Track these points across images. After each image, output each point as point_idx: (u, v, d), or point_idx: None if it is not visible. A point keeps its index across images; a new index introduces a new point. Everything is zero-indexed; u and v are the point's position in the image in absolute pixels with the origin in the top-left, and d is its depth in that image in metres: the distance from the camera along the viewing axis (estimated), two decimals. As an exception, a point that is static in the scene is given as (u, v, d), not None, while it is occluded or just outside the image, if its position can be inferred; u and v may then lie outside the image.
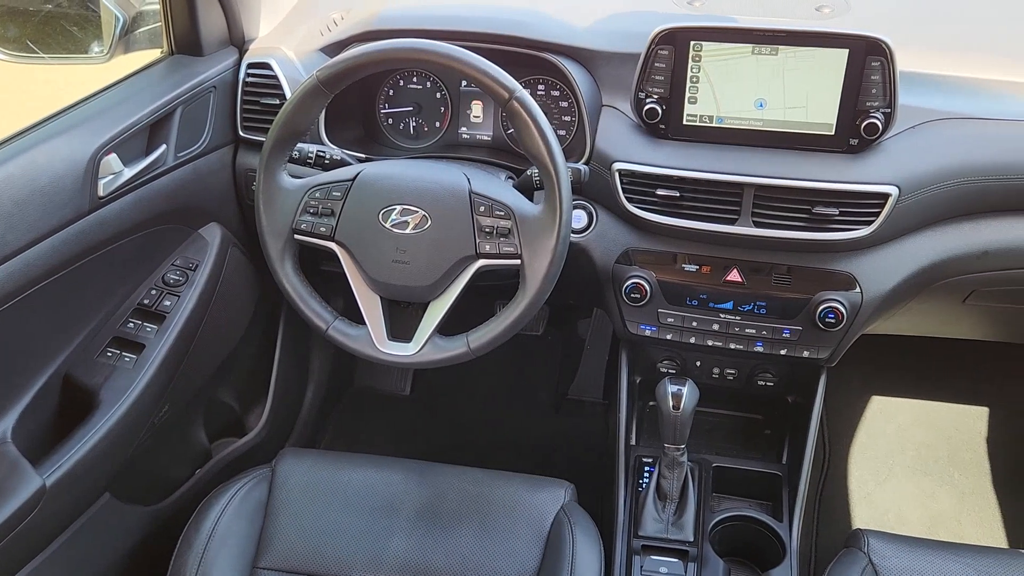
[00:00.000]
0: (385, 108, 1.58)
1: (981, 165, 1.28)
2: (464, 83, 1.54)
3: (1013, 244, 1.33)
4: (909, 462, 2.06)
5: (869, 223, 1.27)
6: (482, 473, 1.37)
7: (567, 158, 1.32)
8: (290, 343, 1.90)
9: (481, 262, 1.20)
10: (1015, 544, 1.90)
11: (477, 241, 1.19)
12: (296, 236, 1.24)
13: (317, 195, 1.23)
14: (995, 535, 1.92)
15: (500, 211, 1.18)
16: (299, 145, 1.30)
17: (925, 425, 2.12)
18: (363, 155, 1.44)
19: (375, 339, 1.25)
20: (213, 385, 1.69)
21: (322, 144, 1.43)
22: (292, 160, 1.29)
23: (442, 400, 2.25)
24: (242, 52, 1.54)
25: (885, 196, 1.26)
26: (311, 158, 1.32)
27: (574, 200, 1.40)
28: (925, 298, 1.43)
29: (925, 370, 2.16)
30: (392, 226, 1.20)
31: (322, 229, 1.23)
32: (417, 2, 1.56)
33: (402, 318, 1.28)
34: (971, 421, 2.11)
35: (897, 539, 1.30)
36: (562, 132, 1.49)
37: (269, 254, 1.26)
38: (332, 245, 1.24)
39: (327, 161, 1.33)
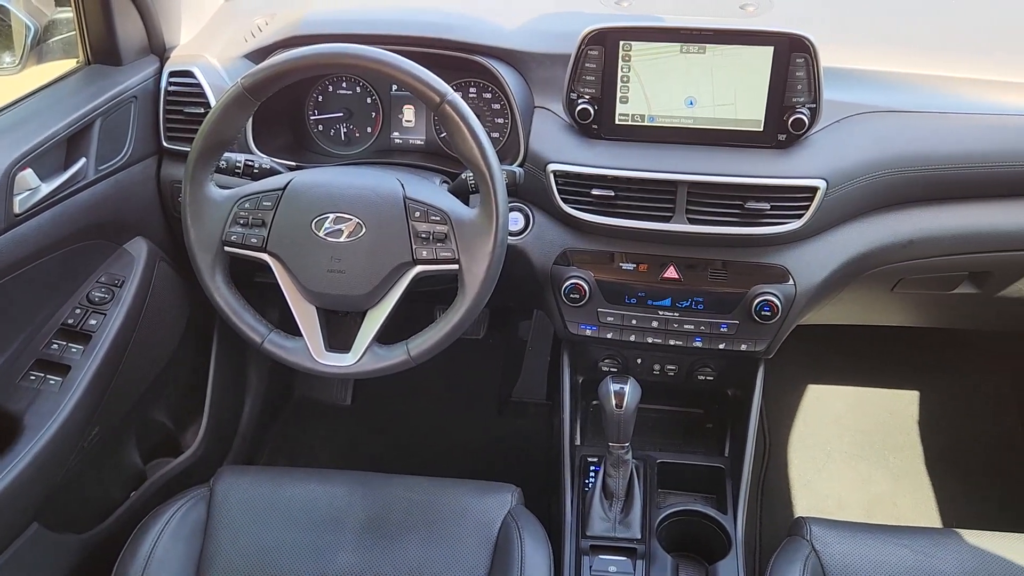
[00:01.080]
0: (315, 114, 1.55)
1: (904, 157, 1.32)
2: (395, 87, 1.52)
3: (936, 233, 1.37)
4: (846, 448, 2.12)
5: (799, 216, 1.30)
6: (427, 481, 1.36)
7: (501, 160, 1.32)
8: (225, 357, 1.85)
9: (418, 268, 1.19)
10: (948, 522, 1.97)
11: (414, 247, 1.17)
12: (226, 248, 1.21)
13: (247, 205, 1.20)
14: (929, 514, 1.98)
15: (436, 216, 1.17)
16: (226, 155, 1.27)
17: (860, 411, 2.17)
18: (294, 163, 1.41)
19: (312, 351, 1.22)
20: (146, 404, 1.64)
21: (250, 153, 1.40)
22: (219, 170, 1.25)
23: (385, 409, 2.22)
24: (163, 60, 1.49)
25: (814, 189, 1.28)
26: (239, 168, 1.29)
27: (510, 202, 1.40)
28: (855, 288, 1.47)
29: (858, 358, 2.22)
30: (326, 235, 1.18)
31: (253, 240, 1.20)
32: (343, 6, 1.54)
33: (340, 328, 1.26)
34: (903, 405, 2.18)
35: (838, 525, 1.32)
36: (495, 135, 1.48)
37: (199, 268, 1.22)
38: (264, 256, 1.21)
39: (256, 170, 1.29)
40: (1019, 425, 2.11)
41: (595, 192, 1.33)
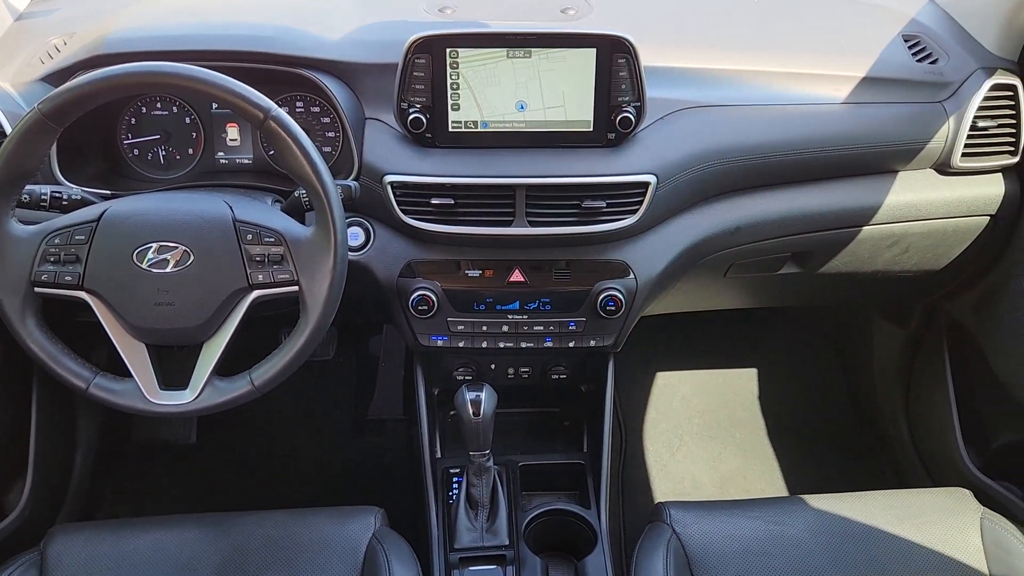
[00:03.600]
0: (128, 139, 1.45)
1: (726, 148, 1.38)
2: (215, 105, 1.45)
3: (761, 218, 1.45)
4: (696, 430, 2.21)
5: (634, 212, 1.34)
6: (285, 515, 1.30)
7: (336, 175, 1.27)
8: (48, 405, 1.70)
9: (256, 293, 1.13)
10: (793, 490, 2.09)
11: (248, 272, 1.12)
12: (37, 289, 1.11)
13: (56, 241, 1.10)
14: (776, 484, 2.10)
15: (270, 237, 1.12)
16: (28, 187, 1.15)
17: (705, 393, 2.27)
18: (108, 192, 1.30)
19: (145, 391, 1.14)
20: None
21: (57, 184, 1.28)
22: (22, 204, 1.14)
23: (234, 442, 2.11)
24: (-51, 87, 1.35)
25: (645, 185, 1.32)
26: (45, 200, 1.18)
27: (348, 217, 1.36)
28: (692, 276, 1.53)
29: (700, 342, 2.32)
30: (150, 266, 1.10)
31: (67, 278, 1.10)
32: (151, 22, 1.44)
33: (174, 364, 1.18)
34: (743, 383, 2.29)
35: (695, 506, 1.37)
36: (327, 149, 1.44)
37: (5, 313, 1.11)
38: (82, 294, 1.11)
39: (65, 202, 1.19)
40: (845, 390, 2.27)
41: (435, 201, 1.31)
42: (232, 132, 1.45)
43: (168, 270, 1.10)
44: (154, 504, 1.96)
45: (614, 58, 1.28)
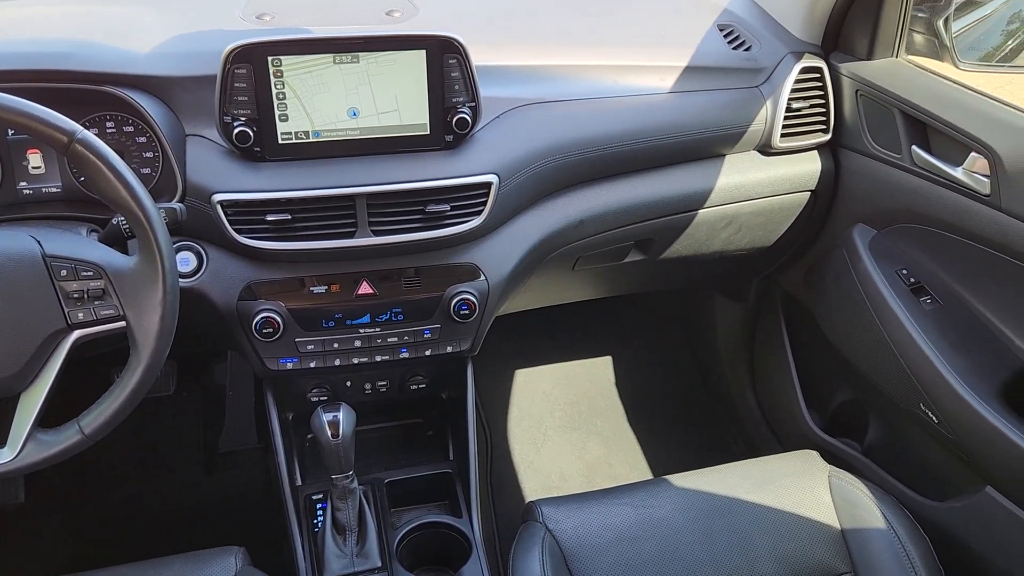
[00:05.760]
0: (-89, 174, 1.29)
1: (565, 142, 1.39)
2: (11, 131, 1.31)
3: (602, 210, 1.47)
4: (558, 422, 2.23)
5: (479, 213, 1.32)
6: (134, 568, 1.20)
7: (158, 198, 1.19)
8: None
9: (77, 333, 1.03)
10: (656, 470, 2.15)
11: (66, 311, 1.01)
12: None
13: None
14: (640, 467, 2.16)
15: (87, 271, 1.02)
16: None
17: (565, 385, 2.30)
18: None
19: (-45, 455, 1.01)
20: None
21: None
22: None
23: (70, 497, 1.93)
24: None
25: (488, 185, 1.31)
26: None
27: (176, 242, 1.27)
28: (541, 272, 1.54)
29: (556, 336, 2.35)
30: (-53, 315, 0.98)
31: None
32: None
33: (-12, 420, 1.05)
34: (600, 371, 2.34)
35: (565, 500, 1.38)
36: (146, 171, 1.33)
37: None
38: None
39: None
40: (695, 369, 2.36)
41: (270, 218, 1.24)
42: (35, 159, 1.32)
43: (-30, 318, 0.98)
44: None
45: (445, 59, 1.26)
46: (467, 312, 1.38)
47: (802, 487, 1.39)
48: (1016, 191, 1.25)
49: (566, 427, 2.23)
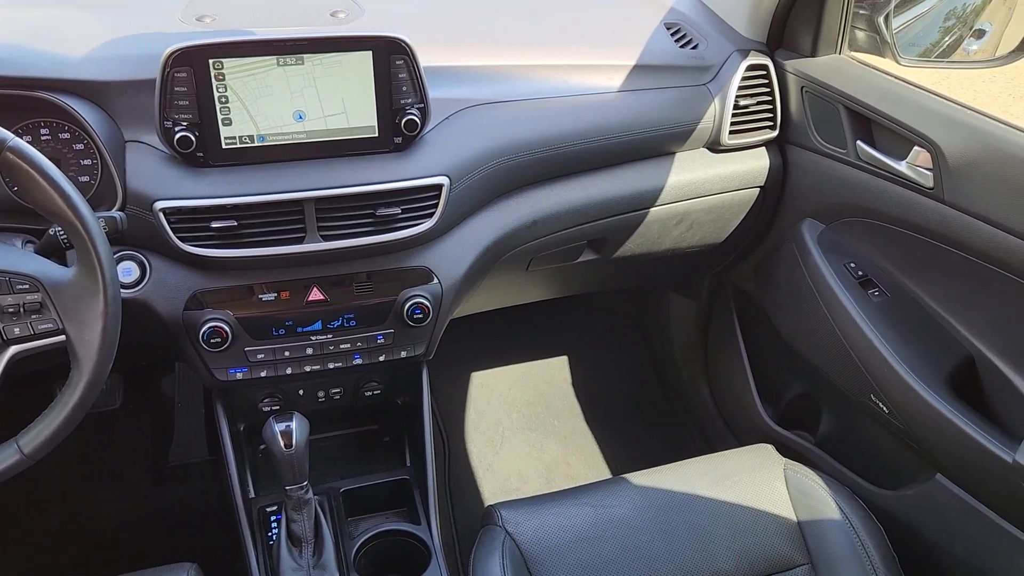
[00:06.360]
0: None
1: (515, 143, 1.38)
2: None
3: (554, 210, 1.47)
4: (515, 424, 2.22)
5: (430, 215, 1.30)
6: (81, 590, 1.16)
7: (97, 207, 1.15)
8: None
9: (13, 349, 0.99)
10: (615, 469, 2.16)
11: (1, 326, 0.97)
12: None
13: None
14: (598, 466, 2.16)
15: (23, 284, 0.98)
16: None
17: (521, 386, 2.29)
18: None
19: None
20: None
21: None
22: None
23: (10, 520, 1.86)
24: None
25: (439, 187, 1.29)
26: None
27: (118, 251, 1.23)
28: (495, 274, 1.53)
29: (511, 338, 2.34)
30: None
31: None
32: None
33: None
34: (556, 371, 2.34)
35: (524, 503, 1.37)
36: (85, 179, 1.29)
37: None
38: None
39: None
40: (651, 366, 2.38)
41: (215, 225, 1.21)
42: (-36, 169, 1.27)
43: None
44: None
45: (392, 60, 1.24)
46: (421, 316, 1.36)
47: (759, 481, 1.41)
48: (958, 184, 1.28)
49: (524, 428, 2.22)
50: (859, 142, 1.45)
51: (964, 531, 1.35)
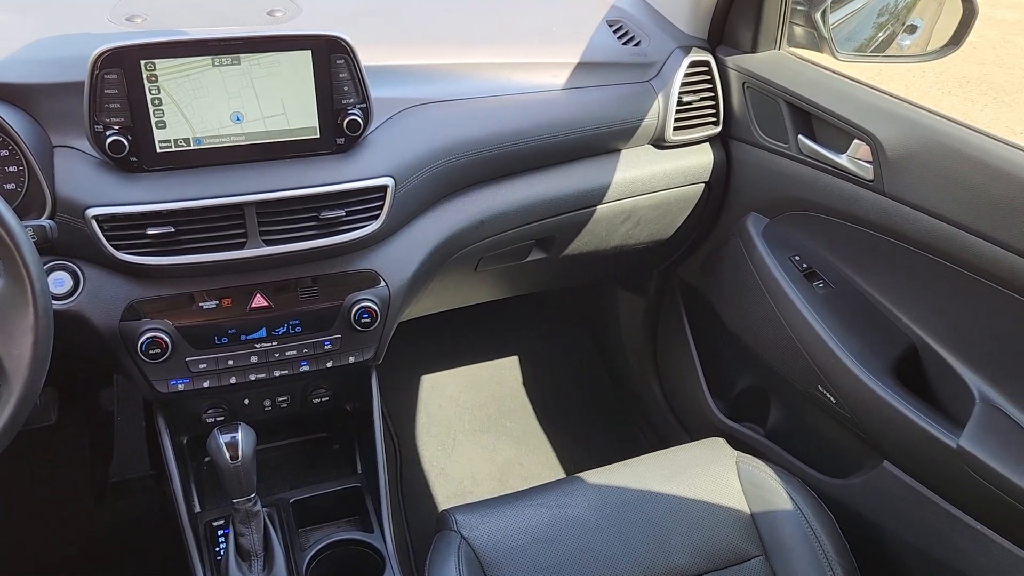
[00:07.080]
0: None
1: (460, 142, 1.37)
2: None
3: (502, 209, 1.46)
4: (467, 426, 2.21)
5: (375, 217, 1.28)
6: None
7: (24, 215, 1.11)
8: None
9: (-64, 368, 0.94)
10: (569, 468, 2.15)
11: (-78, 343, 0.93)
12: None
13: None
14: (552, 466, 2.15)
15: (-55, 298, 0.93)
16: None
17: (472, 388, 2.28)
18: None
19: None
20: None
21: None
22: None
23: None
24: None
25: (383, 188, 1.27)
26: None
27: (48, 261, 1.18)
28: (444, 275, 1.51)
29: (461, 339, 2.32)
30: None
31: None
32: None
33: None
34: (507, 372, 2.33)
35: (479, 506, 1.36)
36: (10, 186, 1.23)
37: None
38: None
39: None
40: (601, 364, 2.38)
41: (151, 232, 1.17)
42: None
43: None
44: None
45: (332, 59, 1.21)
46: (368, 320, 1.33)
47: (712, 475, 1.41)
48: (897, 176, 1.30)
49: (476, 430, 2.20)
50: (800, 136, 1.47)
51: (911, 516, 1.38)
